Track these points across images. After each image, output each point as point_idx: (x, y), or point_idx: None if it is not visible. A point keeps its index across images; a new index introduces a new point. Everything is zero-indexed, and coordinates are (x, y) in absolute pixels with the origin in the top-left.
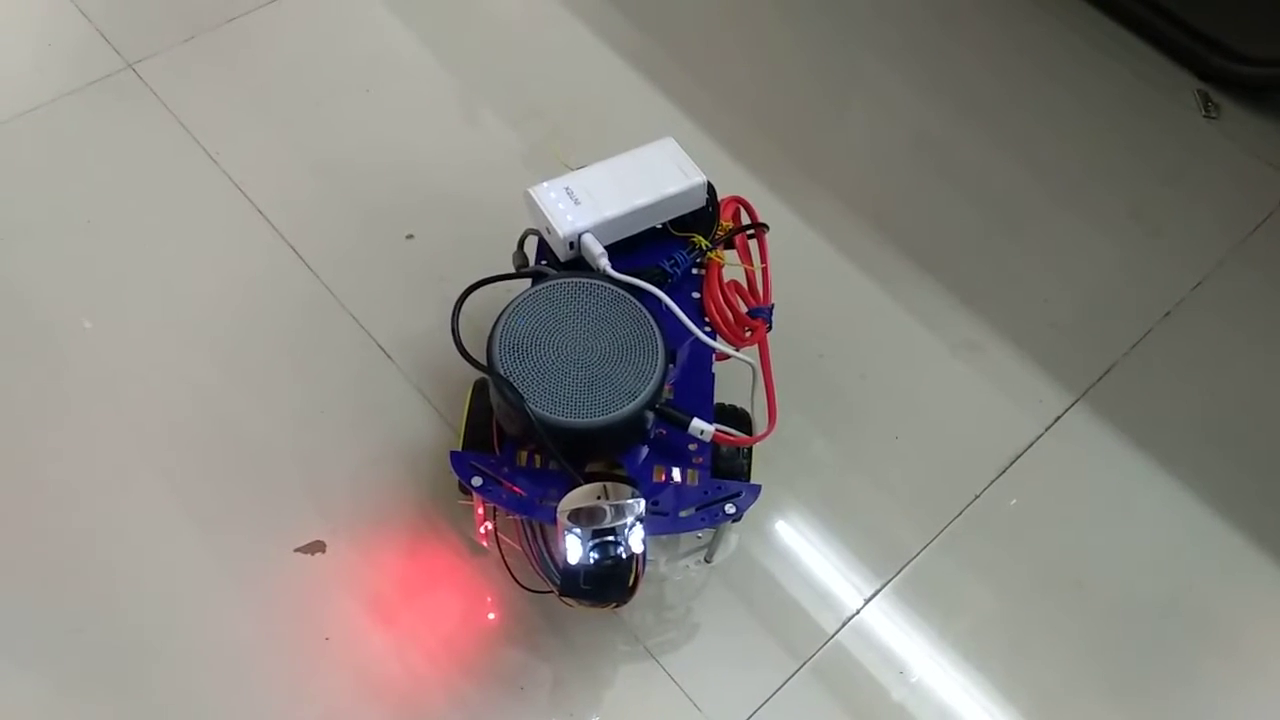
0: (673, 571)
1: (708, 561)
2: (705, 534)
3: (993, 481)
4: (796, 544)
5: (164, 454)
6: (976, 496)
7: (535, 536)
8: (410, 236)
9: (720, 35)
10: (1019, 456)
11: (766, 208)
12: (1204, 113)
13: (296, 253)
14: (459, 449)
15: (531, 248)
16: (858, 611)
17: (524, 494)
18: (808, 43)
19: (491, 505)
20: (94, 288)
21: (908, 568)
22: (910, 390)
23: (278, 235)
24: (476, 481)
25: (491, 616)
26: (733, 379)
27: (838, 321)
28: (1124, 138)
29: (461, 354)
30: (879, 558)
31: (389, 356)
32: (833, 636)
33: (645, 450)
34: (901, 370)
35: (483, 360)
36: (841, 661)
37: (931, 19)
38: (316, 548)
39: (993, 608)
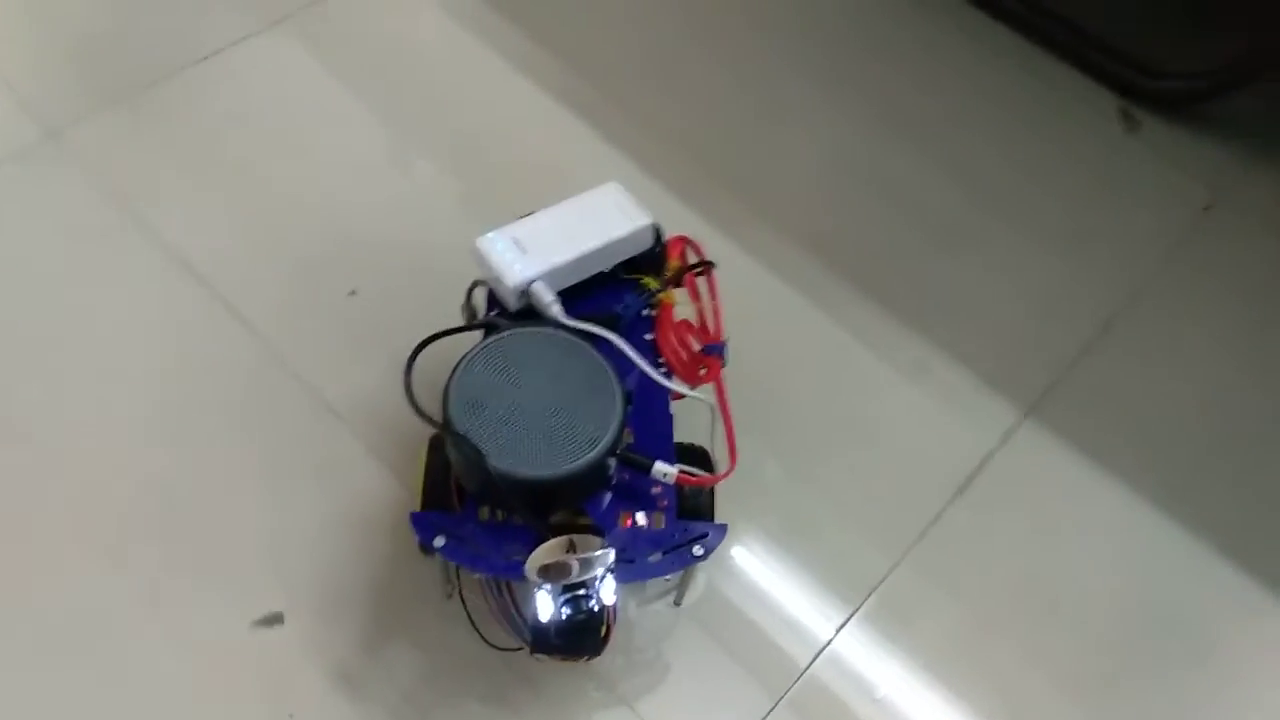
0: (642, 616)
1: (677, 605)
2: (673, 576)
3: (951, 501)
4: (764, 578)
5: (110, 533)
6: (938, 516)
7: (502, 593)
8: (353, 293)
9: (652, 72)
10: (976, 474)
11: (711, 244)
12: (1125, 127)
13: (239, 317)
14: (418, 508)
15: (480, 299)
16: (829, 641)
17: (488, 551)
18: (737, 75)
19: (455, 565)
20: (27, 366)
21: (875, 593)
22: (864, 414)
23: (218, 300)
24: (439, 541)
25: (460, 676)
26: (690, 417)
27: (788, 351)
28: (1053, 155)
29: (416, 413)
30: (847, 585)
31: (340, 417)
32: (806, 669)
33: (609, 496)
34: (854, 395)
35: (438, 417)
36: (817, 694)
37: (860, 45)
38: (275, 619)
39: (963, 626)
